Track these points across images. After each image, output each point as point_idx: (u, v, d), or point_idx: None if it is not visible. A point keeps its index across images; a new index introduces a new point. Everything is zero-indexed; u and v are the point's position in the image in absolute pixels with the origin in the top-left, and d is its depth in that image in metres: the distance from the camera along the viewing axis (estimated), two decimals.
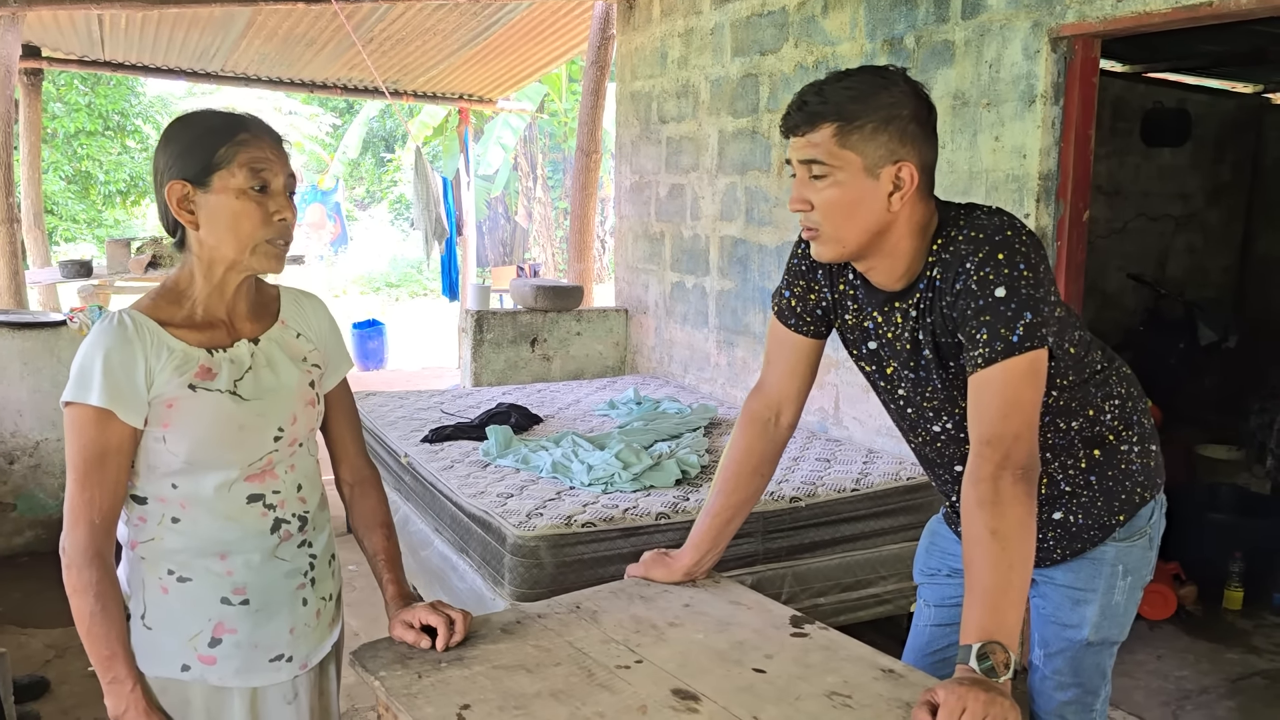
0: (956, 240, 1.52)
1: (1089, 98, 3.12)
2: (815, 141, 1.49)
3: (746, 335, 4.66)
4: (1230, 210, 6.09)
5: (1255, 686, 3.38)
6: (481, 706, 1.38)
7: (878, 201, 1.50)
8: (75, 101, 15.76)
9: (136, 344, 1.40)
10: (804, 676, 1.48)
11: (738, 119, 4.62)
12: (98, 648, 1.42)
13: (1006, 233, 1.50)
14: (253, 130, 1.44)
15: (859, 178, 1.49)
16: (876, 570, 3.27)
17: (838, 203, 1.50)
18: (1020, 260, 1.47)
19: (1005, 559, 1.38)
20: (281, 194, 1.45)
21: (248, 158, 1.41)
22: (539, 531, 2.78)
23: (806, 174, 1.51)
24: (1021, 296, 1.45)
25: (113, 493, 1.42)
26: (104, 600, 1.41)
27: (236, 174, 1.41)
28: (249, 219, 1.42)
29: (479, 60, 8.24)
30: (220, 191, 1.41)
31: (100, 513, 1.41)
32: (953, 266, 1.51)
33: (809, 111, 1.49)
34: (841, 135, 1.47)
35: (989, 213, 1.55)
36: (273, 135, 1.47)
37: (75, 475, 1.40)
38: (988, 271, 1.47)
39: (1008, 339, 1.45)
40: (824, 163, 1.48)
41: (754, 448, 1.82)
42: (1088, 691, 1.79)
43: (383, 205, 20.24)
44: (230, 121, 1.44)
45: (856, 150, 1.48)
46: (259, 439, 1.47)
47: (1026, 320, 1.45)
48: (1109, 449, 1.72)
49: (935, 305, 1.55)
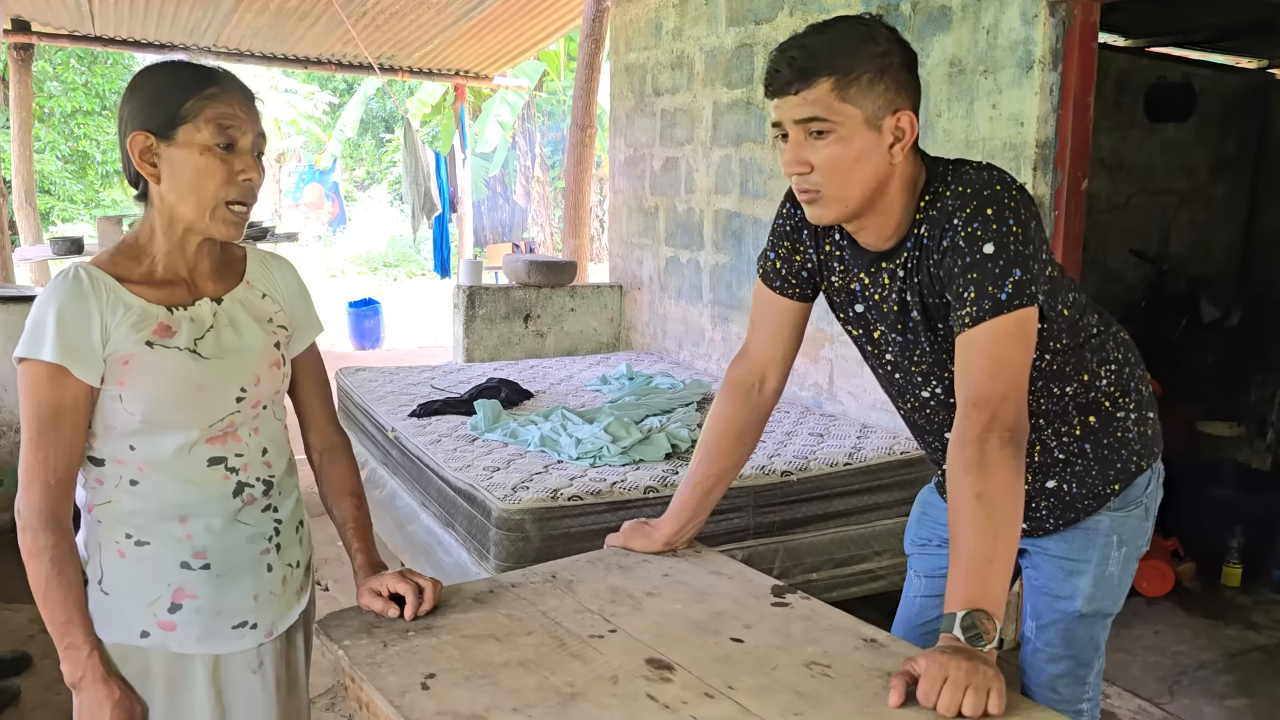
0: (944, 196, 1.46)
1: (1088, 64, 3.05)
2: (812, 98, 1.41)
3: (741, 310, 4.60)
4: (1234, 185, 6.02)
5: (1253, 661, 3.34)
6: (447, 676, 1.33)
7: (880, 155, 1.44)
8: (72, 80, 15.68)
9: (92, 299, 1.35)
10: (783, 646, 1.43)
11: (732, 90, 4.55)
12: (54, 613, 1.38)
13: (995, 187, 1.44)
14: (223, 85, 1.38)
15: (861, 131, 1.42)
16: (870, 546, 3.23)
17: (841, 160, 1.43)
18: (1010, 216, 1.41)
19: (991, 526, 1.33)
20: (248, 153, 1.40)
21: (215, 113, 1.36)
22: (524, 505, 2.73)
23: (803, 134, 1.44)
24: (1010, 253, 1.40)
25: (68, 453, 1.37)
26: (60, 564, 1.36)
27: (202, 129, 1.35)
28: (212, 177, 1.37)
29: (474, 35, 8.15)
30: (184, 146, 1.36)
31: (56, 473, 1.36)
32: (940, 223, 1.45)
33: (800, 68, 1.41)
34: (840, 89, 1.40)
35: (978, 168, 1.49)
36: (244, 91, 1.41)
37: (29, 435, 1.36)
38: (975, 227, 1.41)
39: (995, 297, 1.39)
40: (825, 119, 1.41)
41: (737, 415, 1.77)
42: (1080, 664, 1.74)
43: (381, 186, 20.13)
44: (199, 74, 1.38)
45: (856, 103, 1.41)
46: (219, 399, 1.42)
47: (1015, 277, 1.39)
48: (1105, 416, 1.66)
49: (923, 264, 1.50)
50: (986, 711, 1.22)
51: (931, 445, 1.76)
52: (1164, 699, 3.06)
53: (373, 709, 1.39)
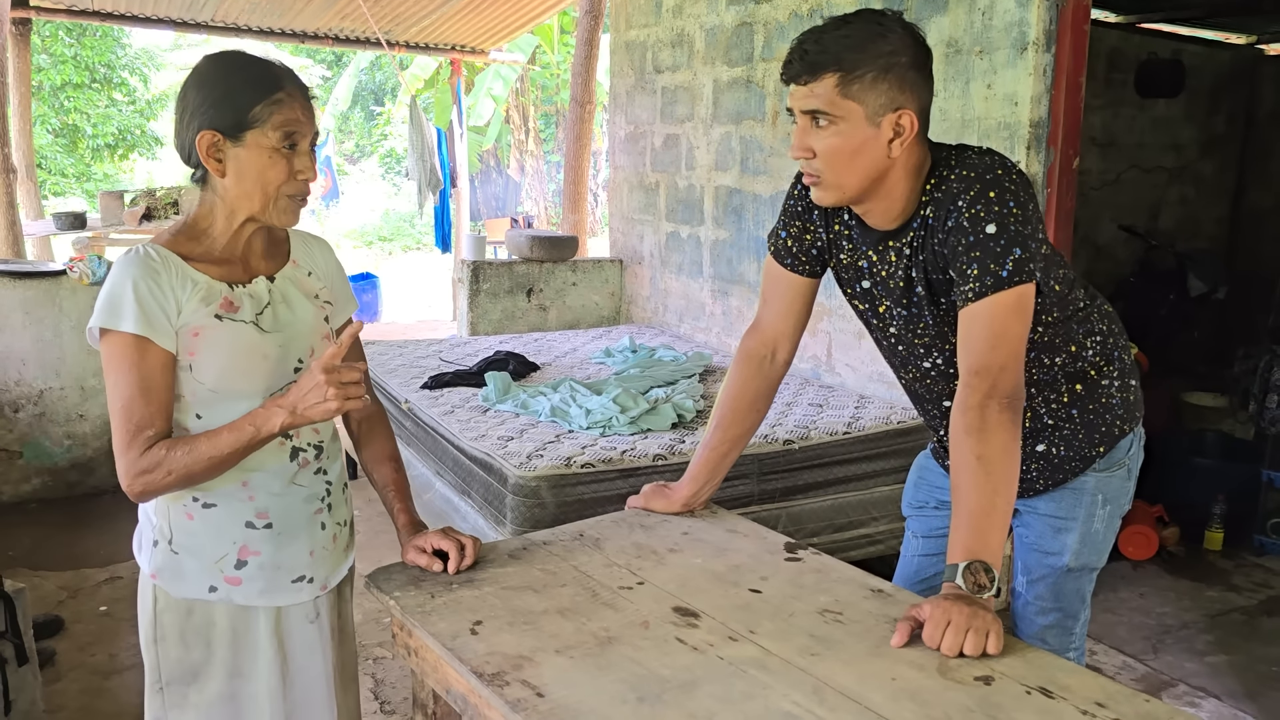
0: (949, 180, 1.57)
1: (1080, 45, 3.15)
2: (817, 92, 1.51)
3: (741, 284, 4.71)
4: (1223, 162, 6.12)
5: (1233, 622, 3.49)
6: (493, 622, 1.46)
7: (878, 149, 1.54)
8: (61, 53, 15.59)
9: (163, 274, 1.44)
10: (798, 596, 1.56)
11: (732, 68, 4.63)
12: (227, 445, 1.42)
13: (997, 171, 1.55)
14: (288, 89, 1.45)
15: (860, 126, 1.52)
16: (868, 511, 3.36)
17: (840, 151, 1.53)
18: (1010, 198, 1.53)
19: (990, 483, 1.45)
20: (307, 153, 1.49)
21: (283, 120, 1.44)
22: (539, 472, 2.85)
23: (808, 122, 1.55)
24: (1011, 233, 1.51)
25: (163, 411, 1.44)
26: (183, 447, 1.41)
27: (270, 135, 1.43)
28: (276, 174, 1.45)
29: (471, 9, 8.17)
30: (252, 147, 1.44)
31: (154, 427, 1.42)
32: (945, 205, 1.57)
33: (810, 61, 1.51)
34: (843, 85, 1.50)
35: (979, 153, 1.60)
36: (305, 93, 1.49)
37: (120, 407, 1.41)
38: (979, 209, 1.52)
39: (997, 274, 1.51)
40: (826, 113, 1.51)
41: (750, 384, 1.89)
42: (1068, 615, 1.87)
43: (373, 159, 20.12)
44: (269, 77, 1.45)
45: (858, 100, 1.51)
46: (280, 370, 1.53)
47: (1015, 256, 1.51)
48: (1090, 383, 1.78)
49: (928, 243, 1.61)
50: (986, 651, 1.35)
51: (930, 413, 1.88)
52: (1148, 656, 3.21)
53: (423, 654, 1.51)
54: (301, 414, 1.42)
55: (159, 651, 1.55)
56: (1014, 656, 1.37)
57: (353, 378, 1.43)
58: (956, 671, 1.33)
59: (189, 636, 1.55)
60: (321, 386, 1.41)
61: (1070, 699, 1.27)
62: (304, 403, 1.42)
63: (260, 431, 1.43)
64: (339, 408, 1.42)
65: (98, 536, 3.96)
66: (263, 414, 1.43)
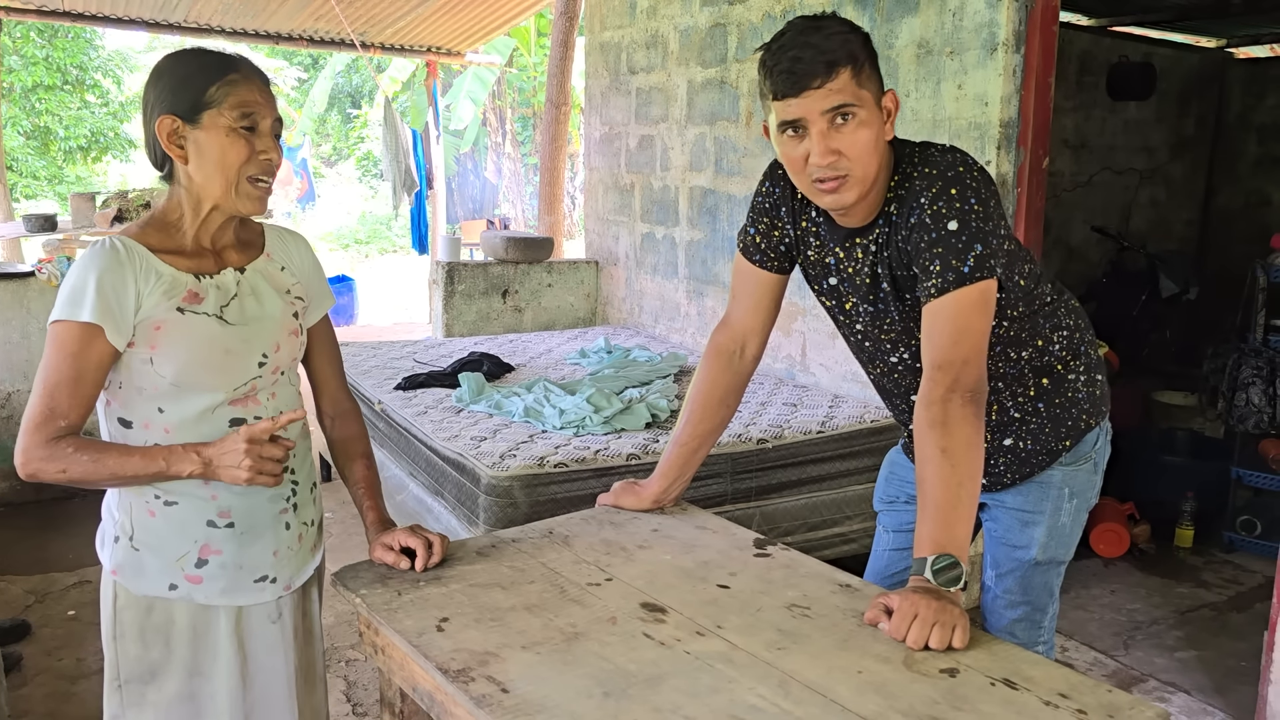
0: (912, 177, 1.59)
1: (1049, 46, 3.17)
2: (837, 87, 1.52)
3: (716, 285, 4.72)
4: (1193, 164, 6.20)
5: (1203, 618, 3.52)
6: (459, 619, 1.45)
7: (884, 133, 1.58)
8: (32, 55, 15.41)
9: (128, 266, 1.43)
10: (766, 591, 1.56)
11: (706, 69, 4.64)
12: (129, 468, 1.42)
13: (959, 169, 1.56)
14: (243, 71, 1.47)
15: (875, 112, 1.55)
16: (842, 510, 3.37)
17: (867, 141, 1.54)
18: (971, 195, 1.54)
19: (955, 476, 1.46)
20: (268, 135, 1.49)
21: (238, 98, 1.45)
22: (512, 472, 2.84)
23: (827, 124, 1.53)
24: (972, 230, 1.52)
25: (81, 405, 1.43)
26: (86, 450, 1.41)
27: (226, 113, 1.44)
28: (237, 155, 1.46)
29: (447, 11, 8.14)
30: (210, 129, 1.45)
31: (66, 419, 1.41)
32: (908, 202, 1.58)
33: (825, 61, 1.51)
34: (856, 75, 1.53)
35: (942, 150, 1.62)
36: (262, 77, 1.50)
37: (45, 387, 1.41)
38: (941, 206, 1.54)
39: (959, 269, 1.52)
40: (853, 104, 1.52)
41: (720, 379, 1.89)
42: (1036, 609, 1.88)
43: (349, 162, 20.02)
44: (222, 61, 1.47)
45: (866, 88, 1.54)
46: (243, 364, 1.52)
47: (977, 252, 1.52)
48: (1057, 378, 1.80)
49: (892, 239, 1.62)
50: (951, 645, 1.36)
51: (899, 408, 1.89)
52: (1119, 652, 3.24)
53: (389, 651, 1.50)
54: (213, 470, 1.44)
55: (118, 649, 1.54)
56: (979, 649, 1.37)
57: (274, 454, 1.45)
58: (922, 664, 1.33)
59: (148, 634, 1.53)
60: (239, 454, 1.42)
61: (1034, 690, 1.27)
62: (219, 460, 1.44)
63: (168, 470, 1.44)
64: (248, 480, 1.43)
65: (66, 540, 3.92)
66: (179, 454, 1.44)
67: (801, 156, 1.56)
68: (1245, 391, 4.06)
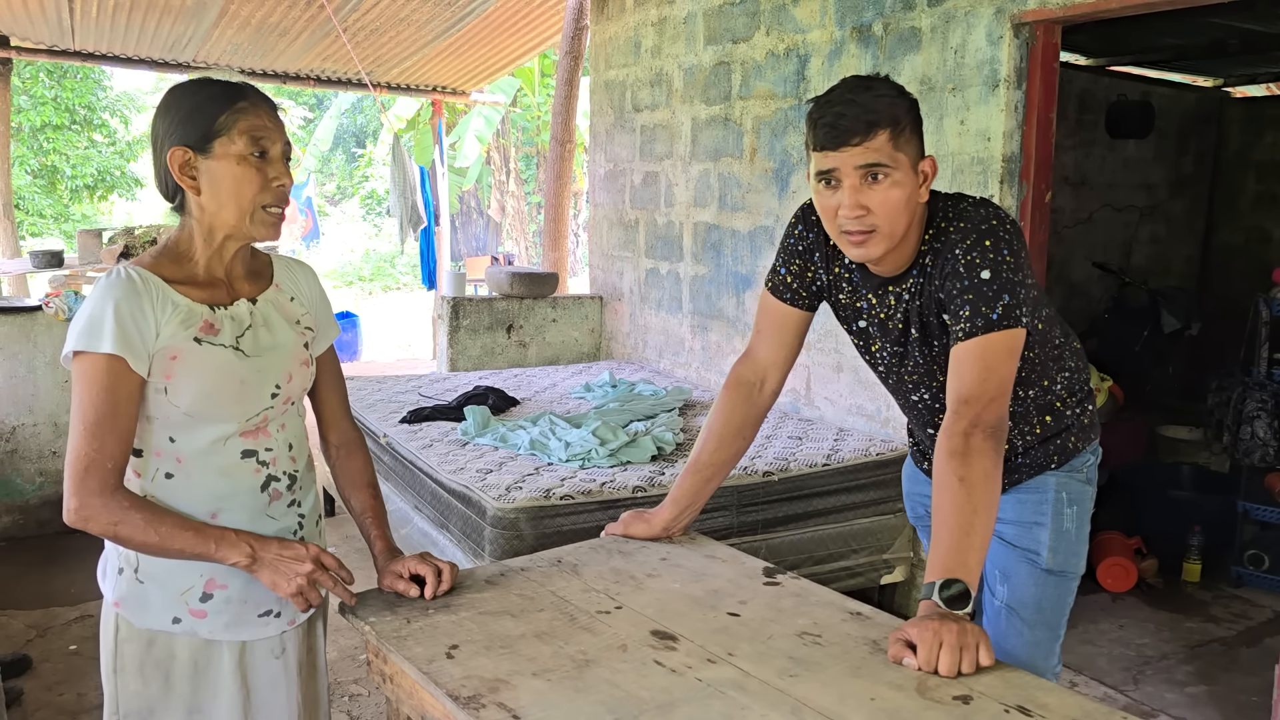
0: (947, 231, 1.66)
1: (1050, 82, 3.22)
2: (875, 147, 1.58)
3: (720, 319, 4.73)
4: (1192, 201, 6.24)
5: (1212, 652, 3.49)
6: (469, 646, 1.44)
7: (917, 195, 1.64)
8: (41, 95, 15.58)
9: (145, 296, 1.43)
10: (776, 619, 1.55)
11: (710, 106, 4.69)
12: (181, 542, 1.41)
13: (993, 222, 1.63)
14: (251, 99, 1.48)
15: (910, 175, 1.61)
16: (847, 544, 3.36)
17: (898, 201, 1.60)
18: (1004, 247, 1.61)
19: (970, 504, 1.47)
20: (279, 161, 1.50)
21: (248, 125, 1.46)
22: (519, 504, 2.84)
23: (860, 180, 1.59)
24: (1003, 279, 1.59)
25: (125, 440, 1.42)
26: (142, 510, 1.41)
27: (237, 141, 1.45)
28: (250, 184, 1.47)
29: (453, 51, 8.25)
30: (221, 158, 1.45)
31: (113, 460, 1.41)
32: (943, 254, 1.65)
33: (867, 120, 1.57)
34: (894, 138, 1.59)
35: (974, 204, 1.69)
36: (269, 104, 1.51)
37: (85, 426, 1.40)
38: (974, 256, 1.61)
39: (988, 316, 1.58)
40: (887, 165, 1.58)
41: (738, 410, 1.91)
42: (1051, 632, 1.89)
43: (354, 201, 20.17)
44: (229, 90, 1.48)
45: (904, 151, 1.60)
46: (257, 395, 1.52)
47: (1005, 301, 1.58)
48: (1056, 414, 1.87)
49: (926, 289, 1.69)
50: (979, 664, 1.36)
51: (917, 438, 2.00)
52: (1129, 687, 3.21)
53: (398, 680, 1.49)
54: (259, 569, 1.45)
55: (118, 683, 1.52)
56: (992, 675, 1.36)
57: (326, 584, 1.48)
58: (935, 691, 1.32)
59: (148, 669, 1.51)
60: (299, 576, 1.45)
61: (1049, 718, 1.26)
62: (273, 566, 1.45)
63: (215, 554, 1.44)
64: (290, 593, 1.46)
65: (68, 574, 3.90)
66: (231, 540, 1.44)
67: (834, 206, 1.62)
68: (1250, 425, 4.06)
